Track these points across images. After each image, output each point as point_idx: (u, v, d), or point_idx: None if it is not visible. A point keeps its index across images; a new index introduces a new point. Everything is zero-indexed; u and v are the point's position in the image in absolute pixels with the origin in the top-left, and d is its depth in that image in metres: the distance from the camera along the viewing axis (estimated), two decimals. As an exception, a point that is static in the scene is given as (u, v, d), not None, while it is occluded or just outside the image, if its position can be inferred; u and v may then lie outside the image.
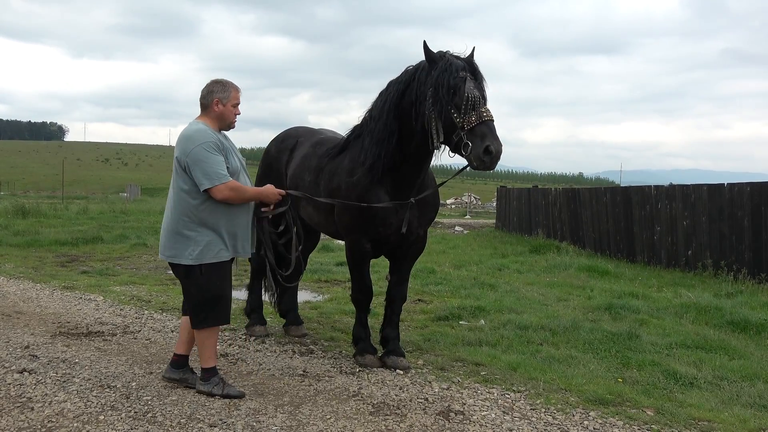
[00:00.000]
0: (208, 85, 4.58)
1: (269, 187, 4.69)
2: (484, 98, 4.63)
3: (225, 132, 4.67)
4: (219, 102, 4.50)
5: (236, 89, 4.58)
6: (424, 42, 4.81)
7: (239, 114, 4.63)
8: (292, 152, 6.06)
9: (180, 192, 4.44)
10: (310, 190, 5.53)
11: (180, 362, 4.76)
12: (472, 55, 4.82)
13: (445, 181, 5.59)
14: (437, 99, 4.63)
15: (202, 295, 4.45)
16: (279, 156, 6.21)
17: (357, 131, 5.40)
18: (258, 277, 6.52)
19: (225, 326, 6.62)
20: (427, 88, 4.71)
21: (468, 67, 4.71)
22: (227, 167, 4.43)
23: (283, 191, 4.76)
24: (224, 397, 4.45)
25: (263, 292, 6.58)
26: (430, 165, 5.23)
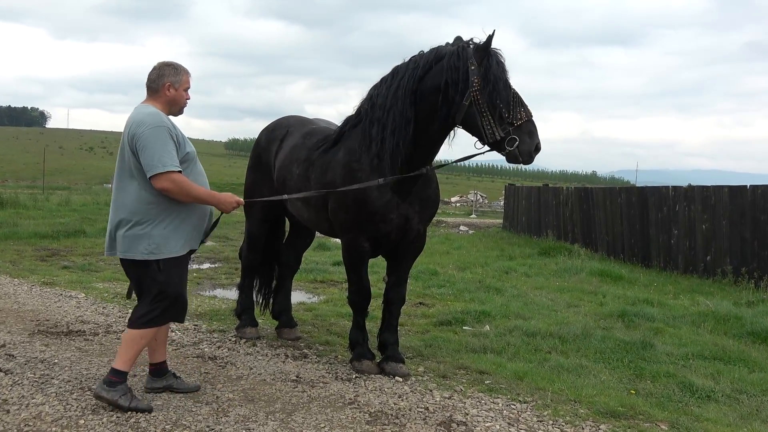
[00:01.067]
0: (157, 68, 4.49)
1: (228, 195, 4.57)
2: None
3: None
4: (171, 86, 4.44)
5: (187, 73, 4.53)
6: (493, 32, 4.77)
7: (189, 99, 4.58)
8: (282, 143, 6.07)
9: (132, 180, 4.32)
10: (299, 184, 5.56)
11: (160, 370, 4.73)
12: (489, 41, 4.83)
13: (440, 166, 5.61)
14: (494, 92, 4.72)
15: (163, 293, 4.34)
16: (269, 147, 6.23)
17: (353, 122, 5.37)
18: (249, 276, 6.53)
19: (214, 328, 6.64)
20: (472, 78, 4.71)
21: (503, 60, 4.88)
22: (187, 152, 4.41)
23: (241, 201, 4.67)
24: (130, 410, 4.24)
25: (254, 292, 6.59)
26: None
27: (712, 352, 6.43)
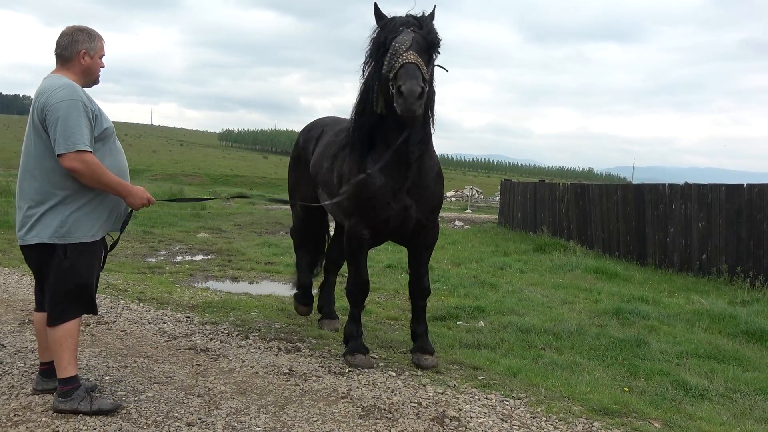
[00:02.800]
0: (69, 34, 4.11)
1: (140, 189, 4.18)
2: (413, 44, 4.68)
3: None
4: (86, 54, 4.10)
5: (102, 39, 4.19)
6: (375, 4, 4.95)
7: (104, 67, 4.25)
8: (318, 141, 6.35)
9: (42, 158, 3.97)
10: (326, 177, 5.85)
11: (52, 370, 4.23)
12: (431, 16, 4.97)
13: (393, 148, 5.71)
14: (370, 58, 4.92)
15: (65, 284, 4.00)
16: (306, 146, 6.54)
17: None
18: (301, 254, 6.89)
19: (207, 320, 6.63)
20: (367, 50, 4.96)
21: (413, 20, 4.86)
22: (105, 128, 4.09)
23: (152, 199, 4.28)
24: (95, 414, 3.99)
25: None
26: (433, 147, 5.38)
27: (706, 350, 6.47)
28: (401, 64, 4.58)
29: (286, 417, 4.24)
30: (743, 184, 11.46)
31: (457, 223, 24.83)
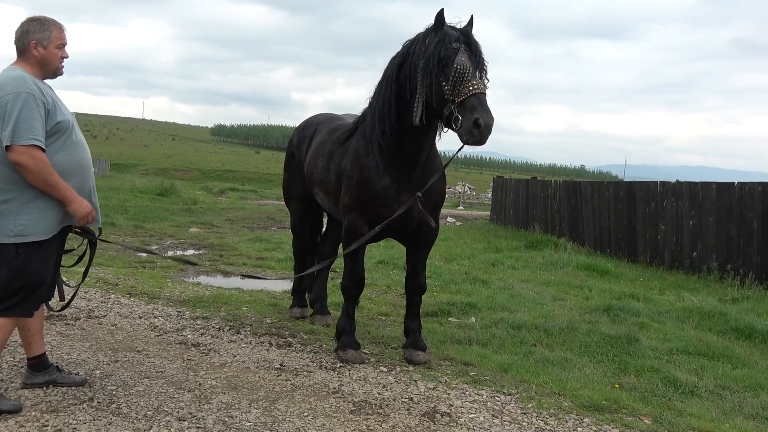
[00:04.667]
0: (22, 25, 3.99)
1: (84, 203, 4.03)
2: (478, 70, 4.69)
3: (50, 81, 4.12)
4: (38, 44, 3.94)
5: (59, 27, 4.03)
6: (442, 10, 4.81)
7: (67, 57, 4.09)
8: (311, 140, 6.36)
9: None
10: (322, 175, 5.86)
11: (40, 363, 4.29)
12: (469, 25, 4.88)
13: (446, 165, 5.63)
14: (427, 71, 4.73)
15: (12, 283, 3.86)
16: (300, 145, 6.57)
17: (364, 113, 5.53)
18: (298, 263, 6.97)
19: (198, 314, 6.62)
20: (419, 60, 4.81)
21: (462, 38, 4.76)
22: (59, 121, 3.94)
23: (94, 217, 4.16)
24: None
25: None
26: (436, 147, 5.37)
27: (696, 347, 6.50)
28: (473, 92, 4.53)
29: (276, 412, 4.23)
30: (734, 183, 11.51)
31: (449, 219, 24.86)
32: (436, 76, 4.67)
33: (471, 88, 4.54)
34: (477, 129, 4.46)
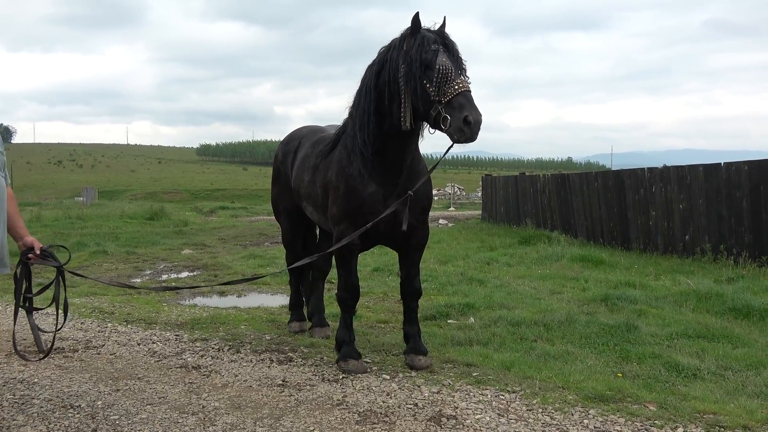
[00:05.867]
0: None
1: (35, 240, 4.03)
2: (459, 69, 4.73)
3: None
4: None
5: None
6: (417, 13, 4.86)
7: None
8: (296, 154, 6.37)
9: None
10: (308, 189, 5.87)
11: None
12: (443, 26, 4.93)
13: (434, 166, 5.66)
14: (411, 75, 4.76)
15: None
16: (285, 160, 6.57)
17: (345, 122, 5.54)
18: (293, 277, 6.95)
19: (196, 336, 6.59)
20: (399, 65, 4.85)
21: (440, 39, 4.81)
22: None
23: (34, 254, 4.20)
24: None
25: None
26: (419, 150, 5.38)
27: (695, 330, 6.52)
28: (458, 91, 4.57)
29: (282, 428, 4.21)
30: (720, 164, 11.59)
31: (441, 221, 24.88)
32: (420, 79, 4.71)
33: (456, 87, 4.59)
34: (467, 126, 4.50)
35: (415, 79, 4.73)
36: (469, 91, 4.64)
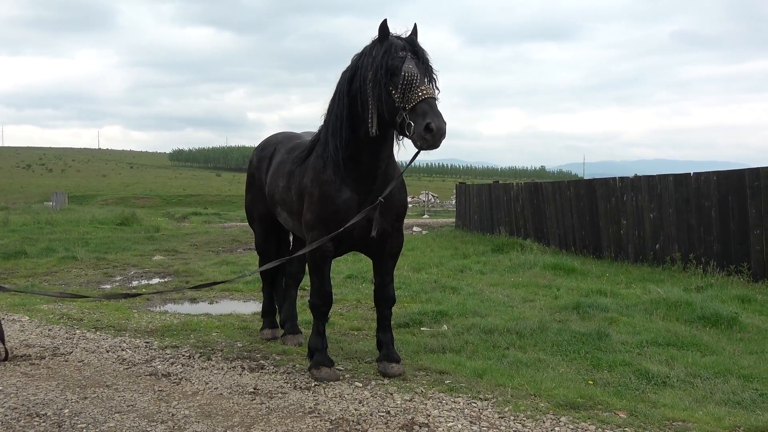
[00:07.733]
0: None
1: None
2: (426, 76, 4.77)
3: None
4: None
5: None
6: (385, 20, 4.89)
7: None
8: (271, 160, 6.35)
9: None
10: (284, 195, 5.86)
11: None
12: (413, 33, 4.97)
13: (401, 173, 5.65)
14: (376, 81, 4.80)
15: None
16: (260, 165, 6.56)
17: (320, 129, 5.54)
18: (265, 283, 6.99)
19: (167, 344, 6.51)
20: (368, 72, 4.87)
21: (408, 46, 4.85)
22: None
23: None
24: None
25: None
26: (395, 157, 5.39)
27: (665, 338, 6.60)
28: (422, 98, 4.59)
29: (253, 437, 4.17)
30: (690, 173, 11.76)
31: (415, 229, 24.91)
32: (385, 86, 4.75)
33: (420, 93, 4.62)
34: (429, 133, 4.52)
35: (380, 85, 4.77)
36: (434, 98, 4.67)
